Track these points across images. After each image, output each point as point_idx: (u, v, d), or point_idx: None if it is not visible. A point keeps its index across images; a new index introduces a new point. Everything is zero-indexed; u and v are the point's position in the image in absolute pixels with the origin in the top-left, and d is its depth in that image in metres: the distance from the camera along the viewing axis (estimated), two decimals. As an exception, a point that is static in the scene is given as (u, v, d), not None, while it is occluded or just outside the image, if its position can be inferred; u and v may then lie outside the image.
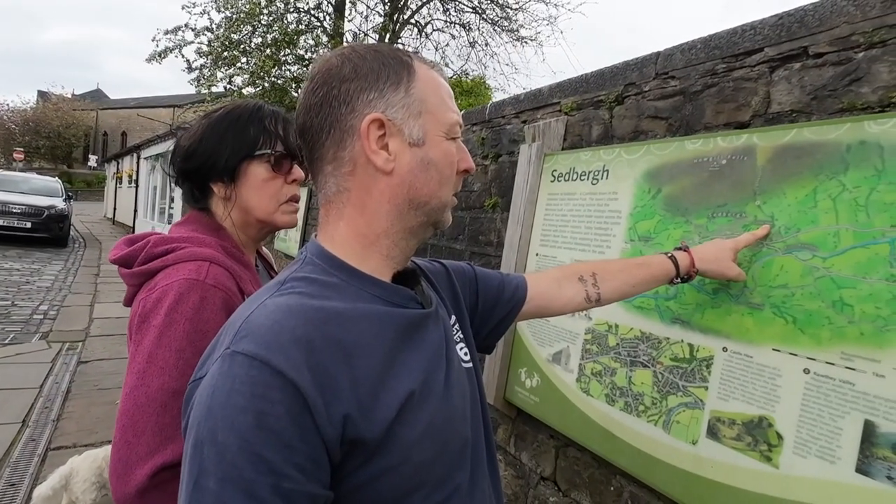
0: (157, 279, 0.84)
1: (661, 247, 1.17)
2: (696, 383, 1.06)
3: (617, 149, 1.34)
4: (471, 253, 2.03)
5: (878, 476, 0.78)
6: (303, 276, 0.58)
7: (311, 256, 0.61)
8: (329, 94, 0.58)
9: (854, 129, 0.88)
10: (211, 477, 0.45)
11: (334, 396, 0.49)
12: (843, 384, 0.84)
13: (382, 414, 0.51)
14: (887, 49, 0.90)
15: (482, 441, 0.67)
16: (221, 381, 0.47)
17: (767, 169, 0.99)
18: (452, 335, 0.69)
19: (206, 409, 0.47)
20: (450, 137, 0.62)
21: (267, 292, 0.56)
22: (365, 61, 0.58)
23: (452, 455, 0.59)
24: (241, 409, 0.45)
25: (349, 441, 0.49)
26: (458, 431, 0.61)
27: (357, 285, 0.58)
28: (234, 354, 0.48)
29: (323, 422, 0.47)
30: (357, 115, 0.57)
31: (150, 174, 14.16)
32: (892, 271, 0.80)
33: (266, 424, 0.45)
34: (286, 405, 0.46)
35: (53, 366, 4.05)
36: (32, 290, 6.73)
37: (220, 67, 9.13)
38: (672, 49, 1.32)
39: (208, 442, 0.45)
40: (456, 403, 0.62)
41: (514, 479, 1.66)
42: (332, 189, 0.61)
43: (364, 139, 0.57)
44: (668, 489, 1.10)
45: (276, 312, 0.51)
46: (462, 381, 0.66)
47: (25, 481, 2.49)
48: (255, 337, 0.49)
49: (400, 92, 0.58)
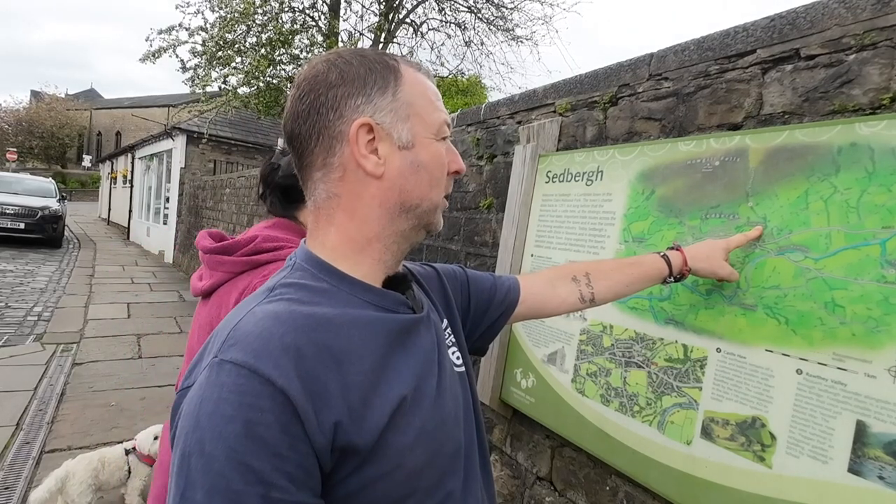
0: (271, 268, 0.98)
1: (654, 247, 1.17)
2: (690, 384, 1.07)
3: (611, 150, 1.35)
4: (466, 253, 2.03)
5: (870, 476, 0.79)
6: (292, 281, 0.57)
7: (301, 262, 0.60)
8: (316, 101, 0.57)
9: (845, 131, 0.88)
10: (198, 489, 0.44)
11: (324, 404, 0.48)
12: (835, 385, 0.84)
13: (374, 420, 0.51)
14: (878, 51, 0.91)
15: (475, 446, 0.67)
16: (209, 390, 0.47)
17: (760, 170, 1.00)
18: (444, 339, 0.69)
19: (194, 419, 0.46)
20: (439, 139, 0.61)
21: (256, 299, 0.56)
22: (351, 67, 0.58)
23: (445, 460, 0.59)
24: (229, 419, 0.45)
25: (340, 448, 0.49)
26: (450, 436, 0.61)
27: (347, 290, 0.58)
28: (221, 363, 0.47)
29: (313, 430, 0.47)
30: (345, 120, 0.57)
31: (145, 174, 14.10)
32: (883, 273, 0.81)
33: (255, 433, 0.44)
34: (275, 413, 0.45)
35: (48, 368, 4.02)
36: (26, 291, 6.69)
37: (215, 67, 9.08)
38: (665, 50, 1.32)
39: (196, 453, 0.45)
40: (448, 408, 0.62)
41: (510, 480, 1.67)
42: (322, 195, 0.60)
43: (353, 144, 0.57)
44: (662, 489, 1.11)
45: (264, 320, 0.51)
46: (454, 385, 0.66)
47: (20, 484, 2.47)
48: (244, 345, 0.48)
49: (387, 96, 0.58)
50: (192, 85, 9.20)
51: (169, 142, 11.41)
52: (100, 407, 3.40)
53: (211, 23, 8.92)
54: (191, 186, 9.90)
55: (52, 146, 34.46)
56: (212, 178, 8.63)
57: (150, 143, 13.10)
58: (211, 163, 10.79)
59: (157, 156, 12.87)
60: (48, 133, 33.61)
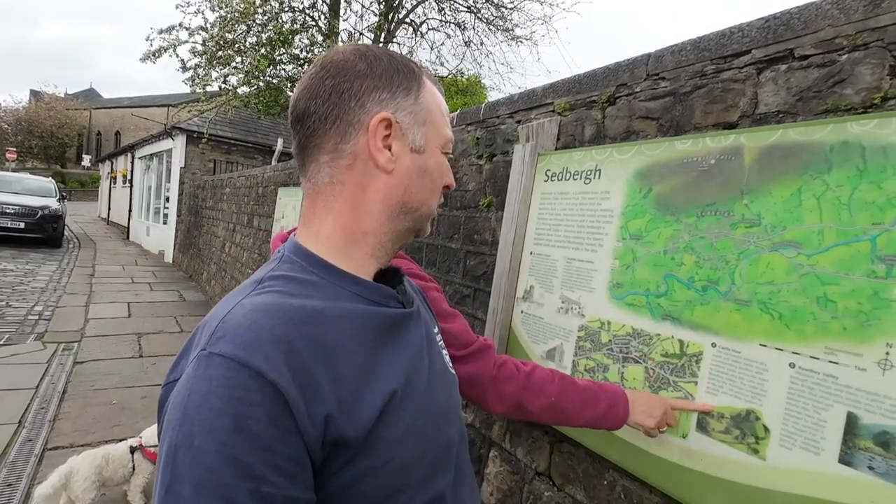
0: None
1: (651, 245, 1.19)
2: (686, 378, 1.09)
3: (609, 149, 1.37)
4: (466, 252, 2.05)
5: (860, 466, 0.81)
6: (280, 274, 0.57)
7: (289, 254, 0.60)
8: (340, 85, 0.58)
9: (837, 129, 0.90)
10: (185, 483, 0.43)
11: (315, 397, 0.48)
12: (827, 378, 0.86)
13: (365, 413, 0.51)
14: (869, 52, 0.93)
15: (465, 446, 0.68)
16: (197, 383, 0.46)
17: (754, 169, 1.02)
18: (435, 337, 0.69)
19: (182, 412, 0.45)
20: (444, 151, 0.64)
21: (243, 291, 0.55)
22: (381, 62, 0.60)
23: (437, 455, 0.59)
24: (218, 412, 0.44)
25: (331, 442, 0.48)
26: (441, 431, 0.61)
27: (337, 283, 0.58)
28: (210, 356, 0.47)
29: (304, 423, 0.47)
30: (366, 111, 0.58)
31: (145, 174, 14.11)
32: (873, 268, 0.83)
33: (245, 427, 0.44)
34: (266, 407, 0.45)
35: (49, 366, 4.04)
36: (27, 290, 6.70)
37: (215, 67, 9.11)
38: (662, 51, 1.34)
39: (183, 447, 0.44)
40: (439, 403, 0.62)
41: (509, 475, 1.69)
42: (325, 180, 0.60)
43: (371, 136, 0.58)
44: (659, 482, 1.13)
45: (253, 312, 0.50)
46: (447, 384, 0.66)
47: (23, 481, 2.49)
48: (233, 337, 0.48)
49: (410, 98, 0.60)
50: (192, 84, 9.23)
51: (169, 141, 11.43)
52: (101, 405, 3.42)
53: (211, 22, 8.95)
54: (191, 186, 9.91)
55: (51, 146, 34.45)
56: (212, 178, 8.64)
57: (150, 142, 13.11)
58: (211, 162, 10.81)
59: (156, 155, 12.88)
60: (48, 133, 33.60)
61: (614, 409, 1.04)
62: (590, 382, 1.08)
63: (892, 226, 0.81)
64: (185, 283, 8.36)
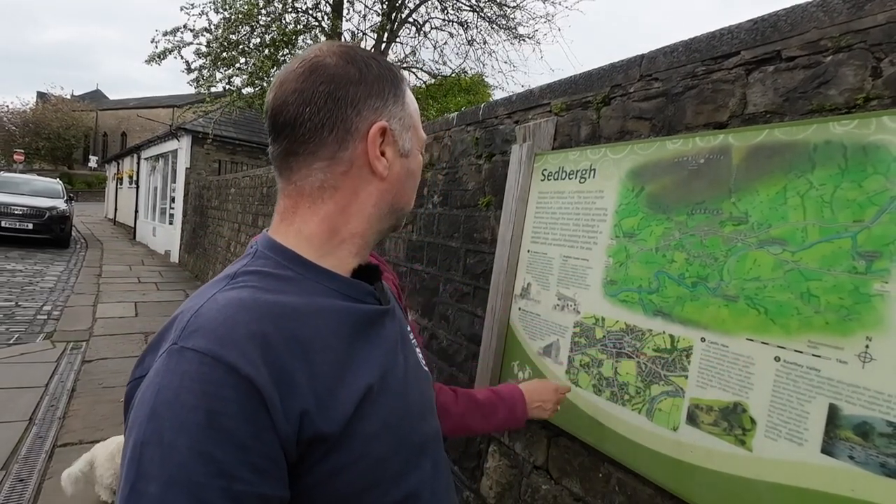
0: None
1: (644, 243, 1.22)
2: (677, 372, 1.12)
3: (603, 148, 1.39)
4: (466, 250, 2.08)
5: (841, 456, 0.84)
6: (255, 269, 0.56)
7: (263, 250, 0.59)
8: (336, 93, 0.57)
9: (820, 129, 0.92)
10: (152, 481, 0.42)
11: (291, 393, 0.47)
12: (810, 371, 0.89)
13: (341, 409, 0.50)
14: (853, 53, 0.95)
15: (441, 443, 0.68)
16: (168, 378, 0.45)
17: (742, 168, 1.04)
18: (408, 334, 0.70)
19: (150, 408, 0.44)
20: (421, 153, 0.68)
21: (215, 286, 0.54)
22: (371, 69, 0.59)
23: (411, 450, 0.59)
24: (190, 408, 0.43)
25: (307, 438, 0.48)
26: (415, 428, 0.61)
27: (313, 279, 0.57)
28: (182, 350, 0.46)
29: (279, 419, 0.46)
30: (363, 118, 0.58)
31: (151, 175, 14.21)
32: (854, 264, 0.85)
33: (218, 424, 0.43)
34: (239, 403, 0.44)
35: (58, 365, 4.11)
36: (35, 290, 6.79)
37: (219, 68, 9.16)
38: (655, 52, 1.37)
39: (152, 443, 0.43)
40: (413, 400, 0.62)
41: (508, 469, 1.72)
42: (315, 184, 0.59)
43: (371, 144, 0.59)
44: (651, 474, 1.16)
45: (228, 307, 0.49)
46: (421, 382, 0.67)
47: (34, 477, 2.55)
48: (207, 332, 0.46)
49: (399, 105, 0.62)
50: (197, 86, 9.28)
51: (174, 142, 11.51)
52: (109, 402, 3.47)
53: (215, 24, 9.00)
54: (196, 186, 9.99)
55: (58, 147, 34.72)
56: (217, 179, 8.71)
57: (156, 143, 13.21)
58: (216, 163, 10.89)
59: (162, 156, 12.98)
60: (54, 134, 33.87)
61: (513, 412, 1.18)
62: (489, 393, 1.18)
63: (871, 223, 0.84)
64: (192, 282, 8.44)
